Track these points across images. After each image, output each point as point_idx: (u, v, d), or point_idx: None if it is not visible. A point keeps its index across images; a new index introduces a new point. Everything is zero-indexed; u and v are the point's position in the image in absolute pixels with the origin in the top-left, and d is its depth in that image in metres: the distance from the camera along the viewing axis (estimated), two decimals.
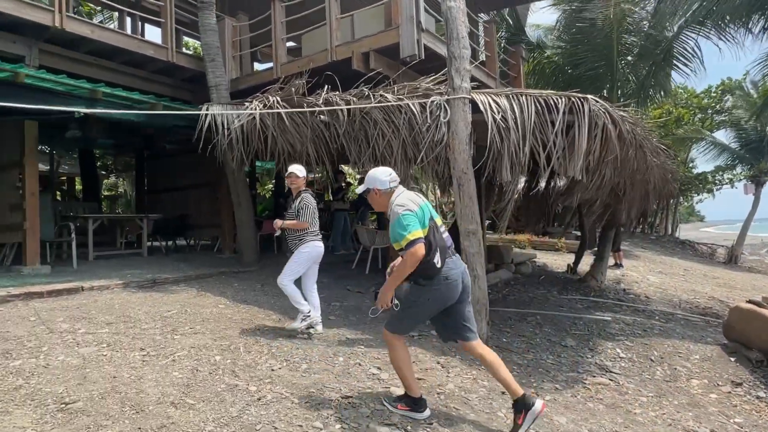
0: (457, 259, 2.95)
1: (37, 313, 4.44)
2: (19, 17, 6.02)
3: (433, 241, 2.76)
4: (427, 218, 2.82)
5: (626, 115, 4.81)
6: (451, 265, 2.84)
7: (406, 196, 2.91)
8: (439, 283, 2.80)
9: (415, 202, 2.85)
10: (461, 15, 4.62)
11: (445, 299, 2.85)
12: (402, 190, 2.99)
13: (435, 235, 2.79)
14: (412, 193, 2.99)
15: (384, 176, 2.97)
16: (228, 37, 8.00)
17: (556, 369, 4.46)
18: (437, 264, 2.75)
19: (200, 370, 3.38)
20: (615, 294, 8.67)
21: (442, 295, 2.83)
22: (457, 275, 2.85)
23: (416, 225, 2.73)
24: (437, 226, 2.86)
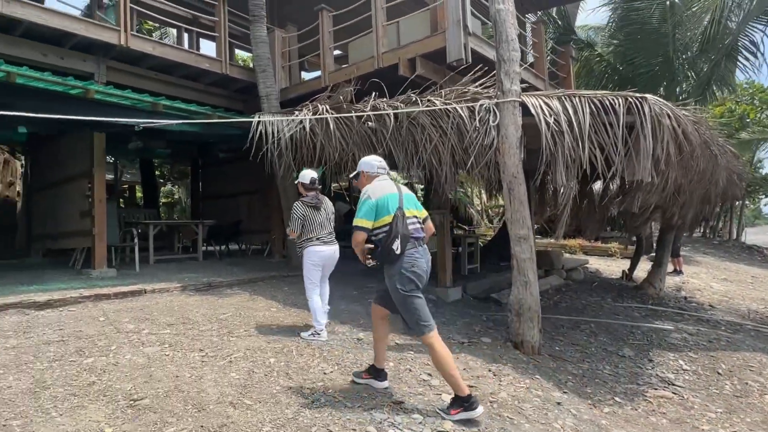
0: (424, 251, 3.12)
1: (105, 314, 4.72)
2: (89, 37, 6.46)
3: (395, 229, 2.96)
4: (392, 207, 3.02)
5: (688, 113, 4.57)
6: (417, 254, 3.04)
7: (379, 185, 3.14)
8: (407, 271, 2.99)
9: (383, 192, 3.08)
10: (510, 17, 4.55)
11: (417, 285, 3.04)
12: (384, 179, 3.23)
13: (399, 223, 2.98)
14: (389, 183, 3.19)
15: (374, 161, 3.29)
16: (278, 48, 8.25)
17: (613, 380, 4.28)
18: (396, 250, 2.94)
19: (256, 372, 3.49)
20: (675, 302, 8.23)
21: (415, 282, 3.02)
22: (424, 264, 3.06)
23: (369, 214, 3.01)
24: (404, 216, 3.03)
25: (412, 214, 3.12)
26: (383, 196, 3.05)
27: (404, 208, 3.05)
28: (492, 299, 6.76)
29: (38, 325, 4.31)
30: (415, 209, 3.19)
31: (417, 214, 3.18)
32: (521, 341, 4.58)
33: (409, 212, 3.09)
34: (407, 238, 2.98)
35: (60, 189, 7.80)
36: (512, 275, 4.63)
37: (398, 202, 3.05)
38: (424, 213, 3.26)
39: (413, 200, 3.23)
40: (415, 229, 3.09)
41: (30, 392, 2.97)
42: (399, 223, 2.97)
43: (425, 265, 3.06)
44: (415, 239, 3.06)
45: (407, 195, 3.18)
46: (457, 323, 5.39)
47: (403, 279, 3.00)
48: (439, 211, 6.58)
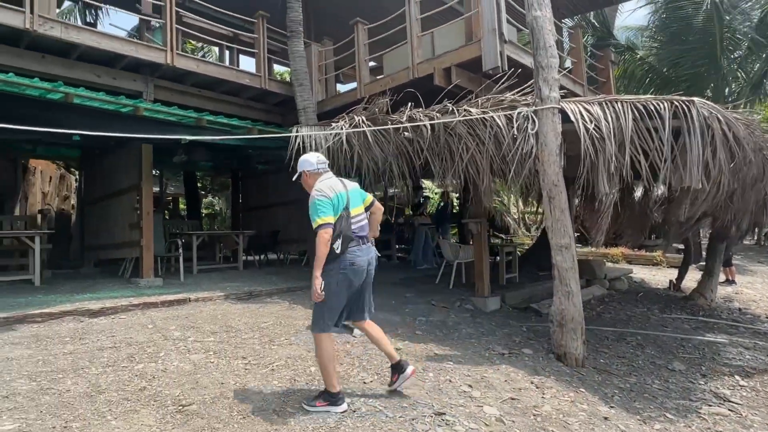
0: (366, 248, 3.18)
1: (153, 322, 4.92)
2: (138, 58, 6.82)
3: (337, 228, 3.01)
4: (340, 207, 3.06)
5: (740, 116, 4.37)
6: (358, 252, 3.09)
7: (327, 182, 3.16)
8: (345, 268, 3.04)
9: (333, 189, 3.10)
10: (548, 24, 4.50)
11: (351, 283, 3.08)
12: (329, 176, 3.25)
13: (342, 222, 3.03)
14: (335, 180, 3.23)
15: (312, 159, 3.29)
16: (314, 62, 8.44)
17: (664, 395, 4.10)
18: (336, 249, 2.99)
19: (298, 380, 3.54)
20: (728, 314, 7.81)
21: (348, 278, 3.06)
22: (363, 262, 3.11)
23: (327, 211, 2.99)
24: (348, 216, 3.08)
25: (357, 212, 3.18)
26: (336, 193, 3.10)
27: (350, 207, 3.12)
28: (532, 309, 6.61)
29: (92, 331, 4.54)
30: (360, 205, 3.26)
31: (362, 211, 3.25)
32: (564, 353, 4.46)
33: (354, 210, 3.16)
34: (349, 238, 3.05)
35: (110, 202, 8.20)
36: (554, 285, 4.53)
37: (345, 201, 3.11)
38: (369, 200, 3.34)
39: (358, 195, 3.29)
40: (359, 227, 3.17)
41: (87, 396, 3.12)
42: (342, 223, 3.03)
43: (364, 263, 3.13)
44: (359, 238, 3.14)
45: (352, 191, 3.25)
46: (496, 334, 5.30)
47: (338, 277, 3.05)
48: (476, 220, 6.53)
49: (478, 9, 6.30)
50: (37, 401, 3.02)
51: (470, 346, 4.75)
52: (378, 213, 3.44)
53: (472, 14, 6.51)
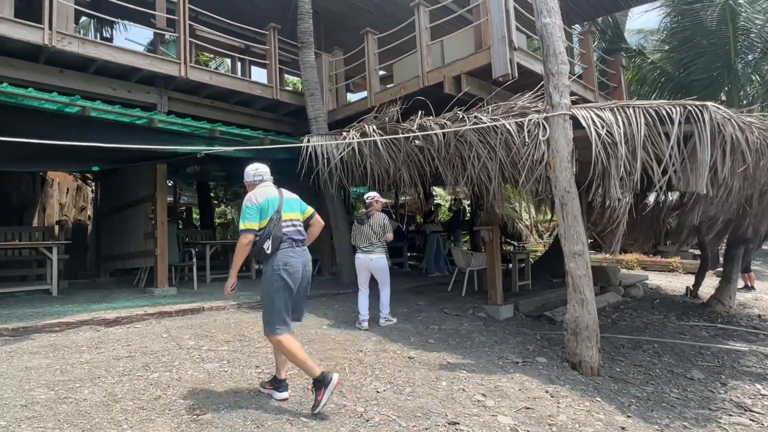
0: (301, 251, 3.29)
1: (168, 331, 4.96)
2: (153, 71, 6.95)
3: (267, 230, 3.17)
4: (271, 211, 3.22)
5: (754, 120, 4.32)
6: (291, 253, 3.21)
7: (261, 191, 3.31)
8: (278, 269, 3.16)
9: (264, 196, 3.26)
10: (557, 30, 4.50)
11: (287, 283, 3.17)
12: (266, 184, 3.39)
13: (272, 225, 3.18)
14: (271, 188, 3.37)
15: (250, 171, 3.46)
16: (325, 72, 8.53)
17: (682, 404, 4.02)
18: (267, 250, 3.14)
19: (310, 389, 3.54)
20: (748, 321, 7.65)
21: (283, 279, 3.16)
22: (298, 264, 3.22)
23: (253, 217, 3.18)
24: (280, 219, 3.22)
25: (290, 217, 3.31)
26: (265, 200, 3.24)
27: (282, 211, 3.27)
28: (545, 317, 6.55)
29: (108, 341, 4.59)
30: (296, 212, 3.39)
31: (297, 217, 3.38)
32: (579, 361, 4.40)
33: (286, 215, 3.29)
34: (279, 239, 3.17)
35: (125, 212, 8.34)
36: (567, 293, 4.49)
37: (277, 206, 3.26)
38: (308, 212, 3.49)
39: (295, 203, 3.43)
40: (293, 231, 3.28)
41: (103, 405, 3.16)
42: (273, 225, 3.18)
43: (299, 264, 3.22)
44: (292, 240, 3.25)
45: (288, 199, 3.39)
46: (510, 342, 5.25)
47: (273, 276, 3.17)
48: (487, 227, 6.51)
49: (488, 17, 6.32)
50: (55, 410, 3.06)
51: (483, 355, 4.72)
52: (316, 227, 3.56)
53: (481, 22, 6.54)
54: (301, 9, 7.83)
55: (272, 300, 3.17)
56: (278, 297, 3.18)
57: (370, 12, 9.83)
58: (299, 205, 3.46)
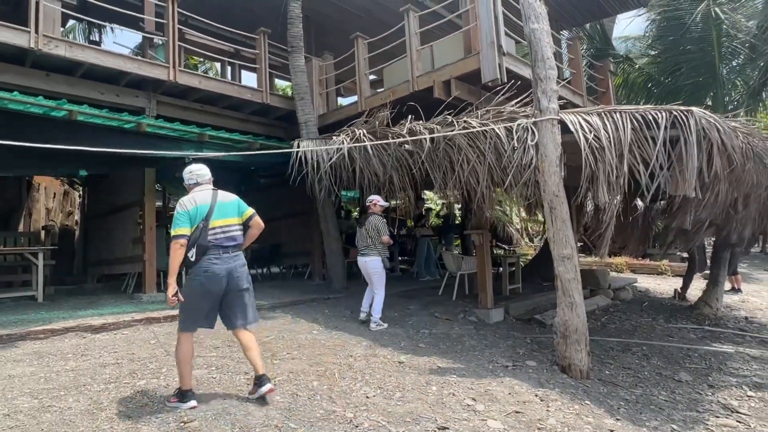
0: (228, 258, 3.28)
1: (156, 337, 4.91)
2: (141, 75, 6.89)
3: (192, 239, 3.20)
4: (198, 219, 3.24)
5: (738, 125, 4.38)
6: (215, 261, 3.22)
7: (192, 197, 3.34)
8: (198, 275, 3.20)
9: (195, 202, 3.28)
10: (545, 36, 4.54)
11: (207, 289, 3.21)
12: (202, 188, 3.41)
13: (198, 234, 3.21)
14: (204, 193, 3.38)
15: (186, 173, 3.48)
16: (315, 76, 8.52)
17: (670, 407, 4.05)
18: (191, 257, 3.19)
19: (299, 395, 3.52)
20: (735, 323, 7.73)
21: (203, 284, 3.20)
22: (220, 270, 3.22)
23: (183, 223, 3.21)
24: (206, 227, 3.23)
25: (220, 224, 3.31)
26: (194, 207, 3.27)
27: (212, 218, 3.27)
28: (535, 320, 6.57)
29: (95, 347, 4.53)
30: (230, 217, 3.38)
31: (231, 222, 3.37)
32: (568, 365, 4.41)
33: (215, 222, 3.29)
34: (204, 247, 3.21)
35: (113, 217, 8.25)
36: (557, 296, 4.51)
37: (206, 213, 3.27)
38: (247, 214, 3.48)
39: (230, 207, 3.41)
40: (221, 239, 3.29)
41: (88, 413, 3.11)
42: (199, 233, 3.21)
43: (221, 271, 3.23)
44: (220, 247, 3.27)
45: (222, 203, 3.37)
46: (500, 346, 5.26)
47: (193, 281, 3.23)
48: (477, 231, 6.52)
49: (477, 22, 6.36)
50: (38, 419, 3.01)
51: (474, 359, 4.72)
52: (255, 228, 3.54)
53: (470, 27, 6.58)
54: (291, 13, 7.83)
55: (187, 301, 3.25)
56: (193, 300, 3.26)
57: (361, 17, 9.85)
58: (236, 208, 3.46)
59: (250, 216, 3.51)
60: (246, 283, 3.40)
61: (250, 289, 3.45)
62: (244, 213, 3.49)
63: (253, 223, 3.52)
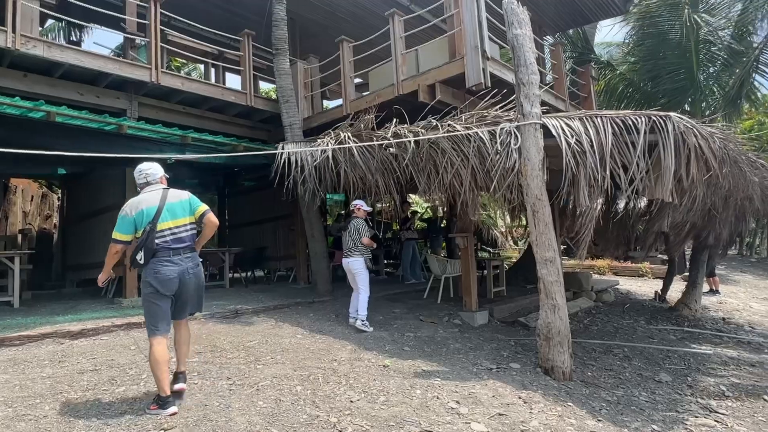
0: (179, 259, 3.29)
1: (136, 342, 4.82)
2: (122, 76, 6.79)
3: (140, 241, 3.24)
4: (144, 222, 3.24)
5: (715, 130, 4.49)
6: (166, 263, 3.24)
7: (139, 199, 3.34)
8: (149, 278, 3.23)
9: (139, 206, 3.28)
10: (528, 41, 4.60)
11: (159, 291, 3.22)
12: (150, 190, 3.40)
13: (146, 236, 3.22)
14: (151, 195, 3.36)
15: (137, 173, 3.48)
16: (300, 79, 8.49)
17: (651, 407, 4.11)
18: (140, 260, 3.23)
19: (283, 400, 3.49)
20: (713, 324, 7.90)
21: (154, 287, 3.22)
22: (172, 272, 3.24)
23: (122, 229, 3.27)
24: (153, 230, 3.23)
25: (169, 225, 3.29)
26: (138, 212, 3.26)
27: (160, 221, 3.26)
28: (519, 323, 6.62)
29: (72, 354, 4.43)
30: (182, 217, 3.36)
31: (181, 223, 3.35)
32: (551, 366, 4.45)
33: (164, 225, 3.27)
34: (152, 250, 3.22)
35: (93, 220, 8.09)
36: (540, 299, 4.55)
37: (151, 217, 3.26)
38: (199, 212, 3.42)
39: (179, 207, 3.37)
40: (170, 241, 3.28)
41: (65, 422, 3.04)
42: (146, 236, 3.23)
43: (172, 273, 3.24)
44: (169, 249, 3.26)
45: (172, 204, 3.35)
46: (484, 348, 5.29)
47: (145, 284, 3.26)
48: (462, 234, 6.56)
49: (461, 27, 6.41)
50: (12, 428, 2.92)
51: (458, 362, 4.73)
52: (208, 227, 3.47)
53: (455, 32, 6.62)
54: (276, 16, 7.80)
55: (145, 305, 3.29)
56: (149, 303, 3.27)
57: (346, 20, 9.86)
58: (188, 206, 3.42)
59: (203, 213, 3.43)
60: (199, 283, 3.44)
61: (203, 286, 3.52)
62: (196, 210, 3.43)
63: (207, 220, 3.44)
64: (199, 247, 3.52)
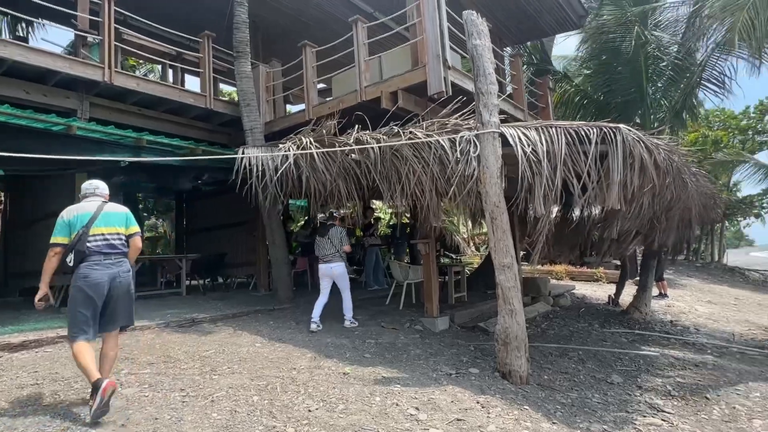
0: (110, 263, 3.38)
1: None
2: (72, 75, 6.49)
3: (72, 244, 3.33)
4: (78, 226, 3.36)
5: (661, 142, 4.72)
6: (96, 267, 3.32)
7: (76, 206, 3.49)
8: (78, 280, 3.30)
9: (74, 212, 3.41)
10: (487, 52, 4.70)
11: (87, 294, 3.28)
12: (89, 200, 3.54)
13: (78, 239, 3.33)
14: (89, 204, 3.50)
15: (85, 185, 3.64)
16: (262, 83, 8.37)
17: (603, 408, 4.24)
18: (69, 263, 3.32)
19: (238, 411, 3.39)
20: (661, 326, 8.27)
21: (83, 290, 3.28)
22: (100, 276, 3.32)
23: (59, 232, 3.36)
24: (86, 234, 3.35)
25: (102, 231, 3.42)
26: (74, 216, 3.40)
27: (93, 225, 3.39)
28: (479, 328, 6.72)
29: (11, 368, 4.18)
30: (113, 226, 3.48)
31: (114, 231, 3.48)
32: (509, 371, 4.54)
33: (97, 230, 3.40)
34: (83, 253, 3.31)
35: (39, 225, 7.67)
36: (498, 304, 4.63)
37: (87, 220, 3.38)
38: (130, 230, 3.57)
39: (116, 218, 3.52)
40: (102, 245, 3.39)
41: None
42: (77, 240, 3.32)
43: (101, 277, 3.32)
44: (100, 254, 3.36)
45: (108, 213, 3.50)
46: (444, 354, 5.33)
47: (74, 287, 3.32)
48: (424, 241, 6.61)
49: (423, 35, 6.49)
50: None
51: (418, 368, 4.75)
52: (132, 248, 3.60)
53: (417, 40, 6.70)
54: (237, 18, 7.68)
55: (70, 308, 3.31)
56: (75, 306, 3.29)
57: (310, 25, 9.81)
58: (124, 220, 3.56)
59: (132, 233, 3.59)
60: (128, 288, 3.48)
61: (132, 295, 3.56)
62: (129, 227, 3.58)
63: (132, 241, 3.58)
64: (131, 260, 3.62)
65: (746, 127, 19.23)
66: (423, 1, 6.42)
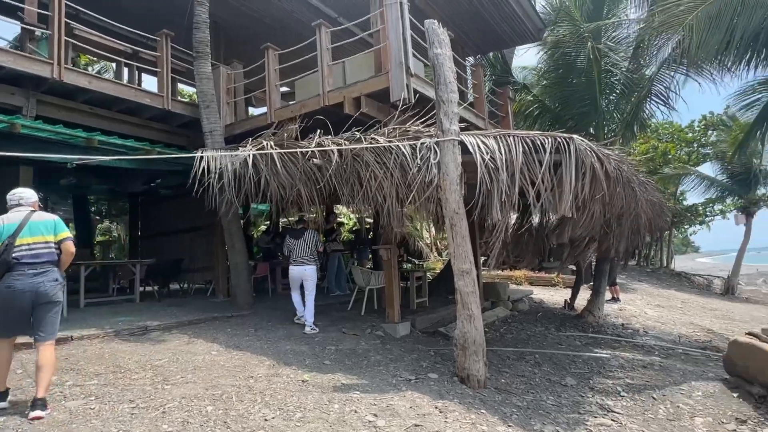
0: (34, 274, 3.45)
1: (23, 366, 4.34)
2: (18, 70, 6.15)
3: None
4: (5, 236, 3.45)
5: (612, 153, 4.92)
6: (18, 277, 3.41)
7: (4, 216, 3.56)
8: (1, 290, 3.38)
9: (2, 222, 3.50)
10: (448, 61, 4.78)
11: (8, 305, 3.39)
12: (17, 210, 3.59)
13: (3, 249, 3.41)
14: (17, 214, 3.57)
15: (10, 195, 3.67)
16: (223, 85, 8.20)
17: (556, 410, 4.36)
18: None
19: (191, 422, 3.29)
20: (613, 329, 8.60)
21: (5, 300, 3.38)
22: (23, 286, 3.40)
23: None
24: (11, 245, 3.43)
25: (27, 241, 3.49)
26: (2, 225, 3.49)
27: (19, 236, 3.46)
28: (440, 333, 6.79)
29: None
30: (40, 235, 3.53)
31: (41, 240, 3.53)
32: (467, 375, 4.60)
33: (22, 240, 3.47)
34: (7, 263, 3.40)
35: None
36: (457, 309, 4.69)
37: (13, 231, 3.47)
38: (60, 236, 3.61)
39: (42, 226, 3.57)
40: (27, 255, 3.46)
41: None
42: (2, 250, 3.41)
43: (23, 286, 3.39)
44: (24, 264, 3.44)
45: (35, 222, 3.55)
46: (405, 359, 5.35)
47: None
48: (386, 246, 6.63)
49: (387, 42, 6.54)
50: None
51: (378, 374, 4.74)
52: (64, 254, 3.64)
53: (381, 47, 6.74)
54: (198, 18, 7.49)
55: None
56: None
57: (274, 28, 9.69)
58: (52, 227, 3.60)
59: (62, 239, 3.61)
60: (53, 298, 3.51)
61: (57, 305, 3.57)
62: (59, 234, 3.61)
63: (63, 246, 3.61)
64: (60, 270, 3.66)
65: (692, 140, 20.35)
66: (386, 9, 6.47)
